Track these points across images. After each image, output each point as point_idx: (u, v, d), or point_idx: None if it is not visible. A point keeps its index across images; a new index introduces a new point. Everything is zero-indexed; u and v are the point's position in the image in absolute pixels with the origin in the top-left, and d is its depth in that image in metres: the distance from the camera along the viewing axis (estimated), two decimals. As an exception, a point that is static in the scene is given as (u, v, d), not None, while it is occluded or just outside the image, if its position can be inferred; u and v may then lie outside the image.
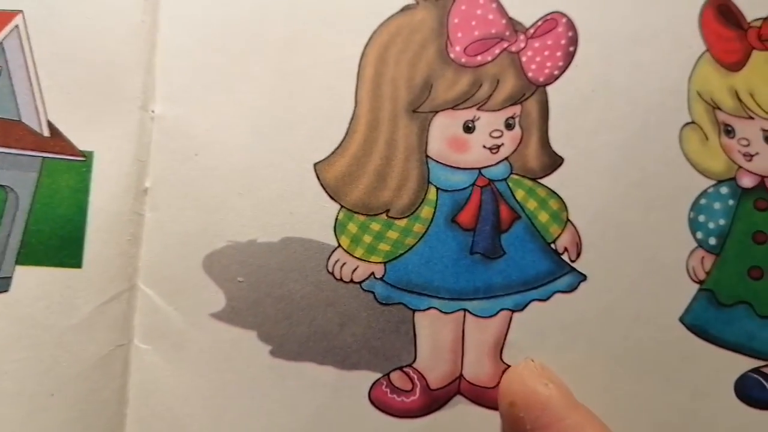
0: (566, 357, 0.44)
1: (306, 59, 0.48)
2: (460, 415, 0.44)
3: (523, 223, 0.46)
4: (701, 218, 0.47)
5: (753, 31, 0.49)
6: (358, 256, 0.45)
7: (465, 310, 0.45)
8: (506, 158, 0.47)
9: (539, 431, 0.38)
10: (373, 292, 0.46)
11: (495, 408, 0.43)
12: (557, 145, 0.48)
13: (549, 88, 0.48)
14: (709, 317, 0.45)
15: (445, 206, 0.46)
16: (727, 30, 0.49)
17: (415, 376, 0.45)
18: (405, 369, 0.45)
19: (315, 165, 0.46)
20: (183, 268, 0.45)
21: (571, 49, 0.49)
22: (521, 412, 0.39)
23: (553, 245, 0.47)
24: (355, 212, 0.46)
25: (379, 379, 0.45)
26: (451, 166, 0.47)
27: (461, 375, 0.45)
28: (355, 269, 0.46)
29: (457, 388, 0.45)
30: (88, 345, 0.44)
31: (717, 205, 0.47)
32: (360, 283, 0.46)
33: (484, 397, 0.45)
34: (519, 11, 0.49)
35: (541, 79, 0.48)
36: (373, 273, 0.46)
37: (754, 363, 0.46)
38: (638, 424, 0.43)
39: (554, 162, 0.48)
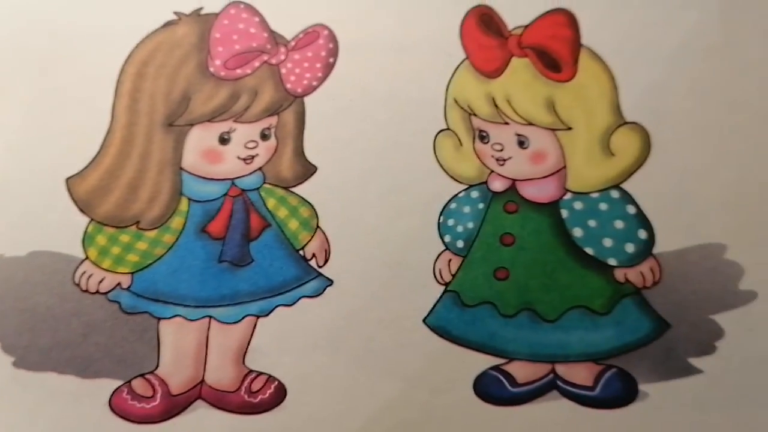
0: (309, 360, 0.46)
1: (65, 75, 0.49)
2: (200, 419, 0.46)
3: (272, 231, 0.47)
4: (450, 222, 0.48)
5: (513, 39, 0.50)
6: (105, 268, 0.47)
7: (210, 317, 0.46)
8: (260, 168, 0.48)
9: None
10: (118, 302, 0.47)
11: (235, 411, 0.45)
12: (311, 155, 0.49)
13: (307, 99, 0.50)
14: (452, 318, 0.47)
15: (195, 216, 0.47)
16: (487, 38, 0.51)
17: (157, 383, 0.46)
18: (147, 376, 0.46)
19: (67, 179, 0.47)
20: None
21: (332, 60, 0.50)
22: None
23: (302, 252, 0.47)
24: (105, 225, 0.47)
25: (120, 386, 0.46)
26: (204, 178, 0.48)
27: (203, 380, 0.45)
28: (102, 280, 0.47)
29: (198, 392, 0.46)
30: None
31: (467, 209, 0.48)
32: (106, 293, 0.47)
33: (224, 401, 0.46)
34: (281, 25, 0.50)
35: (300, 90, 0.49)
36: (119, 283, 0.47)
37: (495, 361, 0.47)
38: (379, 423, 0.44)
39: (307, 171, 0.49)
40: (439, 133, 0.50)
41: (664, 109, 0.51)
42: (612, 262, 0.47)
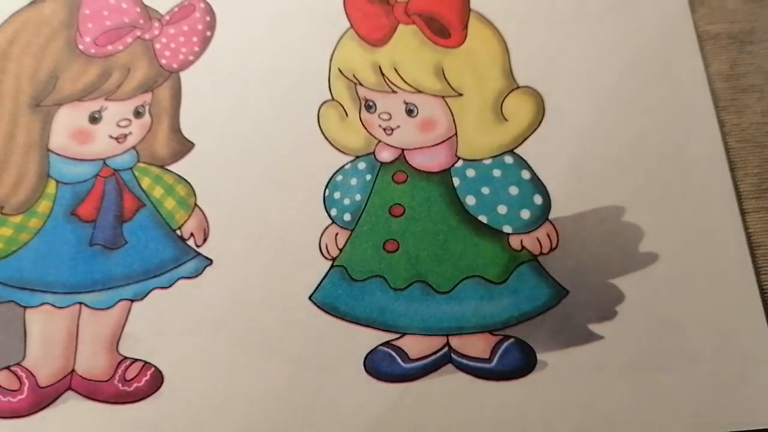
0: (188, 344, 0.44)
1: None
2: (70, 411, 0.43)
3: (147, 212, 0.45)
4: (336, 195, 0.46)
5: (400, 6, 0.49)
6: (-33, 256, 0.42)
7: (81, 303, 0.43)
8: (133, 147, 0.46)
9: None
10: (-19, 292, 0.42)
11: (108, 401, 0.42)
12: (188, 131, 0.48)
13: (183, 74, 0.47)
14: (340, 293, 0.44)
15: (64, 199, 0.45)
16: (372, 6, 0.50)
17: (23, 375, 0.44)
18: (12, 368, 0.44)
19: (-73, 165, 0.43)
20: None
21: (209, 34, 0.48)
22: None
23: (179, 232, 0.45)
24: (-33, 211, 0.43)
25: (-17, 380, 0.42)
26: (73, 159, 0.46)
27: (73, 370, 0.42)
28: (-37, 269, 0.42)
29: (68, 383, 0.43)
30: None
31: (353, 181, 0.46)
32: (-35, 284, 0.42)
33: (97, 391, 0.44)
34: (156, -1, 0.46)
35: (175, 66, 0.47)
36: (-18, 272, 0.43)
37: (386, 336, 0.44)
38: (264, 407, 0.42)
39: (184, 148, 0.47)
40: (323, 104, 0.48)
41: (557, 72, 0.50)
42: (507, 229, 0.45)
